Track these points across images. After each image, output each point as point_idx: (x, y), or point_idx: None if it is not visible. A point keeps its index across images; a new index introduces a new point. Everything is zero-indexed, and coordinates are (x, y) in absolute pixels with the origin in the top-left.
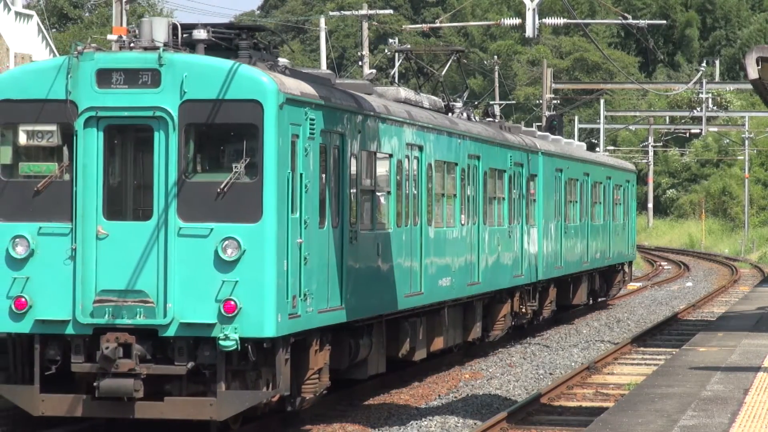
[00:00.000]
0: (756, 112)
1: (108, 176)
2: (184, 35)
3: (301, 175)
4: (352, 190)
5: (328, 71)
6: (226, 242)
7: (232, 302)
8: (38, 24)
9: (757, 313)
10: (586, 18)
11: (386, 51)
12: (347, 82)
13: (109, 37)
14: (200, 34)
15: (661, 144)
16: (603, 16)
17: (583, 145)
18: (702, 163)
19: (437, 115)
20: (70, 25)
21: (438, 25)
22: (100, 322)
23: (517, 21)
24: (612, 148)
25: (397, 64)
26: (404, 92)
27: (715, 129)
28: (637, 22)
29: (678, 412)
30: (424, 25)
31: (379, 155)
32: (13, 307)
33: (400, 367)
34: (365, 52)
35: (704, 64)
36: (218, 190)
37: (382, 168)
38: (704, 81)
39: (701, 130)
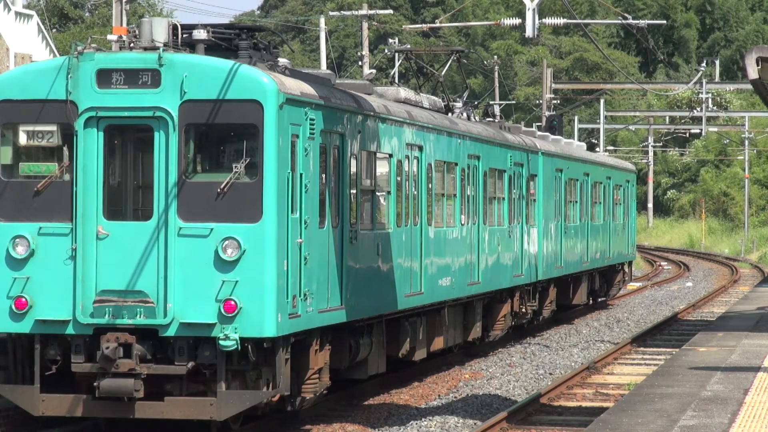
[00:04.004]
0: (756, 112)
1: (108, 176)
2: (184, 35)
3: (301, 175)
4: (352, 190)
5: (328, 71)
6: (226, 242)
7: (232, 302)
8: (38, 24)
9: (757, 313)
10: (586, 18)
11: (386, 51)
12: (347, 83)
13: (109, 37)
14: (200, 34)
15: (660, 144)
16: (603, 16)
17: (583, 145)
18: (703, 163)
19: (437, 115)
20: (70, 25)
21: (438, 25)
22: (101, 322)
23: (517, 21)
24: (612, 148)
25: (397, 64)
26: (404, 92)
27: (715, 129)
28: (637, 22)
29: (678, 412)
30: (424, 25)
31: (379, 155)
32: (13, 307)
33: (400, 367)
34: (365, 52)
35: (704, 64)
36: (218, 190)
37: (382, 168)
38: (704, 81)
39: (701, 130)
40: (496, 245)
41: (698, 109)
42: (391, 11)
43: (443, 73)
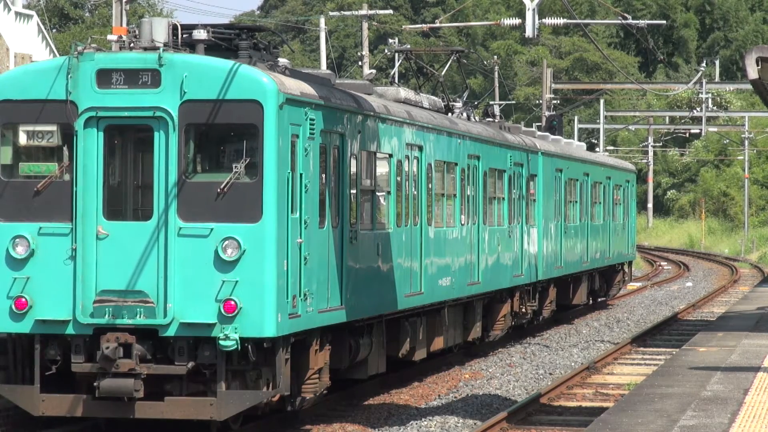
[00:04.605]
0: (756, 112)
1: (108, 176)
2: (184, 35)
3: (301, 175)
4: (352, 190)
5: (328, 71)
6: (226, 242)
7: (232, 302)
8: (38, 24)
9: (757, 313)
10: (586, 18)
11: (386, 51)
12: (347, 82)
13: (109, 37)
14: (200, 34)
15: (660, 144)
16: (603, 16)
17: (583, 145)
18: (703, 163)
19: (437, 115)
20: (70, 25)
21: (438, 25)
22: (101, 322)
23: (517, 21)
24: (612, 148)
25: (397, 64)
26: (404, 92)
27: (715, 129)
28: (637, 22)
29: (678, 412)
30: (424, 25)
31: (379, 155)
32: (13, 307)
33: (400, 367)
34: (365, 52)
35: (704, 64)
36: (218, 190)
37: (382, 168)
38: (704, 81)
39: (701, 130)
40: (496, 245)
41: (698, 109)
42: (391, 11)
43: (443, 73)
